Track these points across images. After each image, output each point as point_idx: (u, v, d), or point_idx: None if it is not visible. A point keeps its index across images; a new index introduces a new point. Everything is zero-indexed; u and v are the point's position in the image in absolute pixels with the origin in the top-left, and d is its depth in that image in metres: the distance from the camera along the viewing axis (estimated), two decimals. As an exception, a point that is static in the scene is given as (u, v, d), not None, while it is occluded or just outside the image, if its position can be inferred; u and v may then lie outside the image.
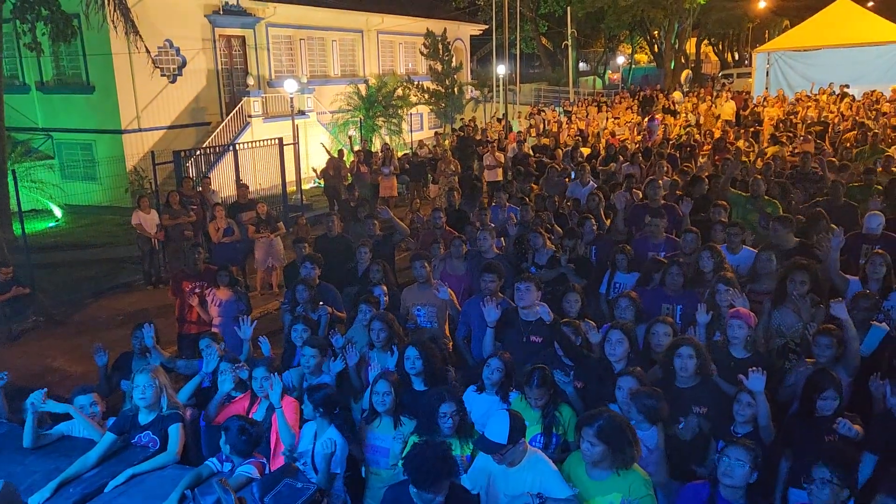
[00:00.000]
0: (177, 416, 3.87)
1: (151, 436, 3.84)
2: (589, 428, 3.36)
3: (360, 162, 15.30)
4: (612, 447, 3.35)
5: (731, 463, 3.31)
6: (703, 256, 5.79)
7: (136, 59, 17.78)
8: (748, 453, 3.31)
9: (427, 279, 6.00)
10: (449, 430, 3.89)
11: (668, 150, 13.15)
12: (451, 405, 3.91)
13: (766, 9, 40.57)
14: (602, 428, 3.35)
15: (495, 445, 3.42)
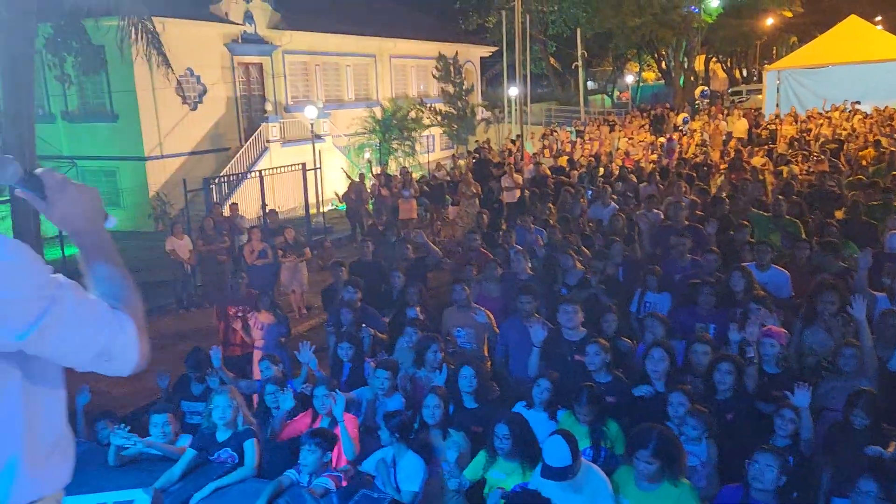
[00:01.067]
0: (251, 432, 4.13)
1: (230, 452, 4.10)
2: (644, 450, 3.56)
3: (380, 185, 15.60)
4: (666, 462, 3.55)
5: (761, 468, 3.54)
6: (733, 276, 5.99)
7: (159, 87, 18.27)
8: (776, 458, 3.54)
9: (466, 302, 6.23)
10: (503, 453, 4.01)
11: (685, 170, 13.36)
12: (505, 428, 4.03)
13: (773, 26, 40.97)
14: (657, 447, 3.55)
15: (563, 470, 3.56)
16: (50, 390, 1.48)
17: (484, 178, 16.09)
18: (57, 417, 1.50)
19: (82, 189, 1.57)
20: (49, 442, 1.47)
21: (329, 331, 6.68)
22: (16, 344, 1.32)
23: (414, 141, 24.48)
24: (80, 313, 1.37)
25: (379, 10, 28.64)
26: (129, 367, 1.48)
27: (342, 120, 24.54)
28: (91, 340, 1.39)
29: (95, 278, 1.52)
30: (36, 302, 1.31)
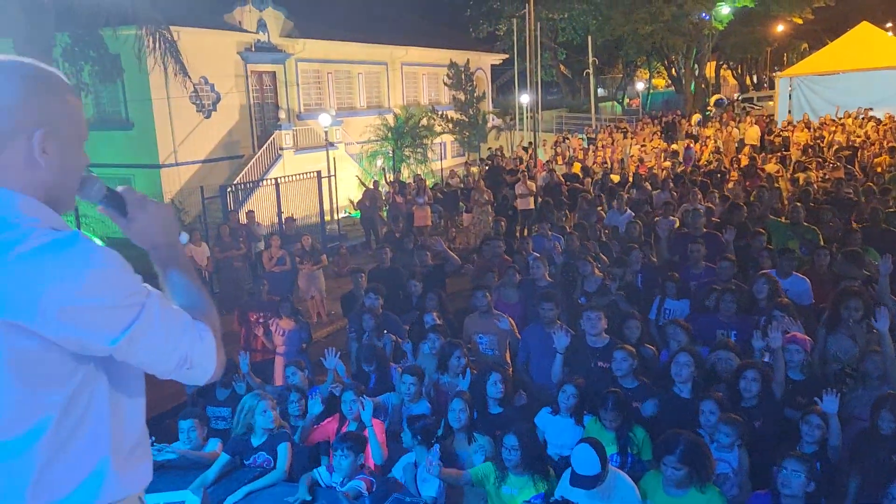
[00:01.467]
0: (286, 436, 4.18)
1: (266, 455, 4.16)
2: (671, 456, 3.58)
3: (395, 192, 15.68)
4: (694, 467, 3.57)
5: (789, 474, 3.56)
6: (758, 284, 6.00)
7: (173, 95, 18.44)
8: (804, 464, 3.55)
9: (488, 309, 6.27)
10: (511, 464, 3.99)
11: (699, 177, 13.37)
12: (514, 439, 4.00)
13: (784, 32, 40.92)
14: (684, 452, 3.58)
15: (593, 479, 3.59)
16: (133, 395, 1.53)
17: (497, 186, 16.15)
18: (138, 421, 1.55)
19: (159, 206, 1.63)
20: (132, 444, 1.52)
21: (351, 337, 6.73)
22: (107, 349, 1.37)
23: (426, 148, 24.58)
24: (166, 322, 1.42)
25: (390, 18, 28.83)
26: (207, 376, 1.52)
27: (354, 127, 24.67)
28: (175, 348, 1.43)
29: (173, 290, 1.58)
30: (128, 309, 1.35)
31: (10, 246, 1.28)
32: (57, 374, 1.36)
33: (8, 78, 1.38)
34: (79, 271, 1.30)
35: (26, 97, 1.39)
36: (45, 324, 1.29)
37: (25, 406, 1.35)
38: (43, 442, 1.36)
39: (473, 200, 14.84)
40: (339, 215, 18.60)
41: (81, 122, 1.51)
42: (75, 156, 1.49)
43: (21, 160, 1.39)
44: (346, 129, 23.86)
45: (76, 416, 1.40)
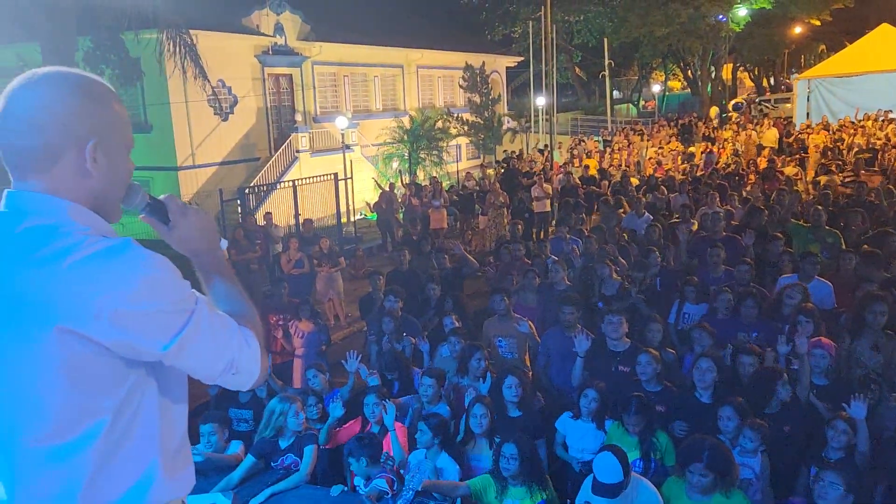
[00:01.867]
0: (313, 438, 4.21)
1: (294, 457, 4.19)
2: (698, 464, 3.56)
3: (411, 195, 15.71)
4: (719, 473, 3.56)
5: (826, 487, 3.50)
6: (789, 291, 5.94)
7: (192, 99, 18.59)
8: (842, 477, 3.51)
9: (507, 312, 6.27)
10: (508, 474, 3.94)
11: (717, 181, 13.28)
12: (513, 448, 3.96)
13: (802, 34, 40.58)
14: (710, 458, 3.56)
15: (616, 487, 3.58)
16: (178, 399, 1.55)
17: (513, 188, 16.14)
18: (182, 425, 1.57)
19: (200, 213, 1.65)
20: (176, 447, 1.54)
21: (371, 339, 6.75)
22: (158, 354, 1.39)
23: (441, 151, 24.62)
24: (214, 327, 1.44)
25: (406, 21, 28.91)
26: (252, 381, 1.54)
27: (370, 130, 24.76)
28: (222, 354, 1.45)
29: (217, 297, 1.59)
30: (178, 315, 1.38)
31: (64, 254, 1.30)
32: (110, 379, 1.39)
33: (59, 90, 1.41)
34: (131, 277, 1.33)
35: (78, 109, 1.41)
36: (99, 329, 1.32)
37: (79, 411, 1.38)
38: (95, 446, 1.39)
39: (489, 203, 14.83)
40: (355, 217, 18.67)
41: (128, 130, 1.54)
42: (122, 164, 1.52)
43: (73, 171, 1.42)
44: (361, 132, 23.95)
45: (127, 420, 1.42)
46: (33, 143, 1.39)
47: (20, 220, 1.37)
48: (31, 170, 1.42)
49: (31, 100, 1.39)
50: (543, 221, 14.72)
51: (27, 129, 1.39)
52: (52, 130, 1.39)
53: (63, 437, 1.38)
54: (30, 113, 1.39)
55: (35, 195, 1.41)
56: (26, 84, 1.41)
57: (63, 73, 1.45)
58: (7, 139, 1.41)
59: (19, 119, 1.39)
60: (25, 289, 1.31)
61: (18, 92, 1.40)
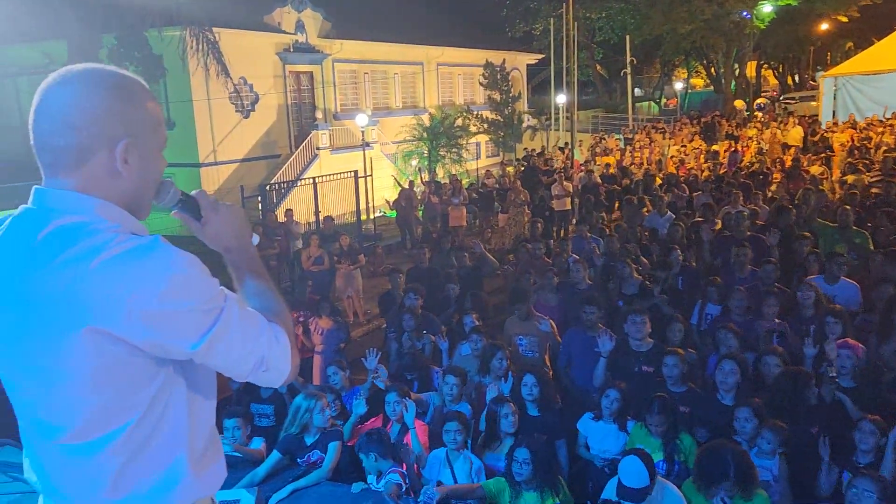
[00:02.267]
0: (337, 434, 4.22)
1: (319, 453, 4.20)
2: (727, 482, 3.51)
3: (430, 193, 15.69)
4: (741, 481, 3.50)
5: (860, 493, 3.44)
6: (802, 290, 5.86)
7: (213, 96, 18.73)
8: (876, 484, 3.43)
9: (528, 311, 6.23)
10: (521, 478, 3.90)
11: (741, 179, 13.11)
12: (525, 452, 3.91)
13: (828, 31, 39.96)
14: (737, 473, 3.51)
15: (641, 492, 3.55)
16: (206, 397, 1.55)
17: (533, 186, 16.06)
18: (210, 422, 1.57)
19: (231, 208, 1.63)
20: (205, 444, 1.54)
21: (391, 337, 6.75)
22: (188, 353, 1.38)
23: (461, 148, 24.59)
24: (244, 325, 1.43)
25: (427, 18, 28.89)
26: (282, 378, 1.53)
27: (390, 127, 24.80)
28: (252, 351, 1.44)
29: (247, 293, 1.58)
30: (208, 314, 1.37)
31: (93, 253, 1.30)
32: (139, 378, 1.39)
33: (94, 89, 1.39)
34: (161, 276, 1.32)
35: (111, 108, 1.40)
36: (129, 329, 1.31)
37: (109, 409, 1.38)
38: (123, 442, 1.40)
39: (510, 201, 14.77)
40: (375, 215, 18.71)
41: (161, 129, 1.52)
42: (154, 163, 1.50)
43: (104, 170, 1.42)
44: (381, 129, 23.99)
45: (155, 418, 1.42)
46: (66, 142, 1.39)
47: (48, 219, 1.37)
48: (62, 168, 1.41)
49: (65, 98, 1.38)
50: (563, 220, 14.63)
51: (60, 127, 1.38)
52: (85, 130, 1.38)
53: (92, 434, 1.39)
54: (63, 112, 1.38)
55: (64, 193, 1.40)
56: (61, 82, 1.40)
57: (98, 72, 1.43)
58: (40, 137, 1.41)
59: (53, 117, 1.39)
60: (56, 289, 1.30)
61: (53, 90, 1.40)
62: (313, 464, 4.15)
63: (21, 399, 1.45)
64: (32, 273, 1.33)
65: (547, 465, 3.96)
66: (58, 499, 1.48)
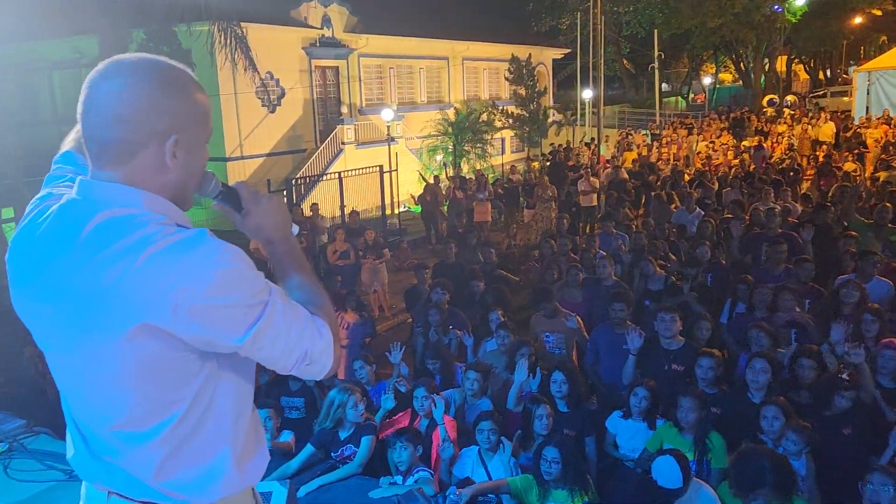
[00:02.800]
0: (371, 428, 4.23)
1: (353, 448, 4.23)
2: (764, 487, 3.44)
3: (455, 188, 15.67)
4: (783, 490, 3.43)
5: (877, 489, 3.40)
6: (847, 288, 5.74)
7: (240, 91, 18.86)
8: (892, 478, 3.39)
9: (554, 308, 6.18)
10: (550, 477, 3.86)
11: (772, 176, 12.90)
12: (554, 451, 3.87)
13: (861, 25, 39.13)
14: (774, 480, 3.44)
15: (673, 492, 3.51)
16: (248, 389, 1.56)
17: (559, 182, 15.96)
18: (252, 415, 1.58)
19: (272, 199, 1.62)
20: (247, 435, 1.55)
21: (417, 331, 6.75)
22: (234, 347, 1.38)
23: (486, 143, 24.52)
24: (288, 318, 1.42)
25: (452, 13, 28.81)
26: (324, 371, 1.52)
27: (414, 122, 24.80)
28: (296, 345, 1.43)
29: (290, 286, 1.56)
30: (253, 307, 1.36)
31: (140, 247, 1.30)
32: (185, 371, 1.40)
33: (142, 82, 1.38)
34: (208, 270, 1.31)
35: (160, 102, 1.39)
36: (176, 323, 1.31)
37: (157, 401, 1.40)
38: (169, 434, 1.41)
39: (536, 196, 14.68)
40: (399, 210, 18.73)
41: (208, 122, 1.51)
42: (200, 155, 1.50)
43: (152, 164, 1.41)
44: (406, 124, 24.00)
45: (201, 410, 1.44)
46: (115, 136, 1.38)
47: (95, 210, 1.37)
48: (110, 160, 1.41)
49: (114, 91, 1.37)
50: (590, 216, 14.52)
51: (110, 121, 1.38)
52: (134, 124, 1.37)
53: (139, 425, 1.41)
54: (113, 106, 1.37)
55: (111, 185, 1.40)
56: (111, 74, 1.39)
57: (148, 63, 1.42)
58: (89, 129, 1.40)
59: (102, 110, 1.38)
60: (104, 282, 1.30)
61: (103, 82, 1.39)
62: (346, 458, 4.16)
63: (72, 387, 1.47)
64: (81, 265, 1.33)
65: (576, 463, 3.92)
66: (104, 483, 1.49)
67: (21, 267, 1.44)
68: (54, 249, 1.38)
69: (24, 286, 1.43)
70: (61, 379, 1.48)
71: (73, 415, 1.51)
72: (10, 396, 5.56)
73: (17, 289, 1.45)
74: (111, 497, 1.49)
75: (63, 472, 2.89)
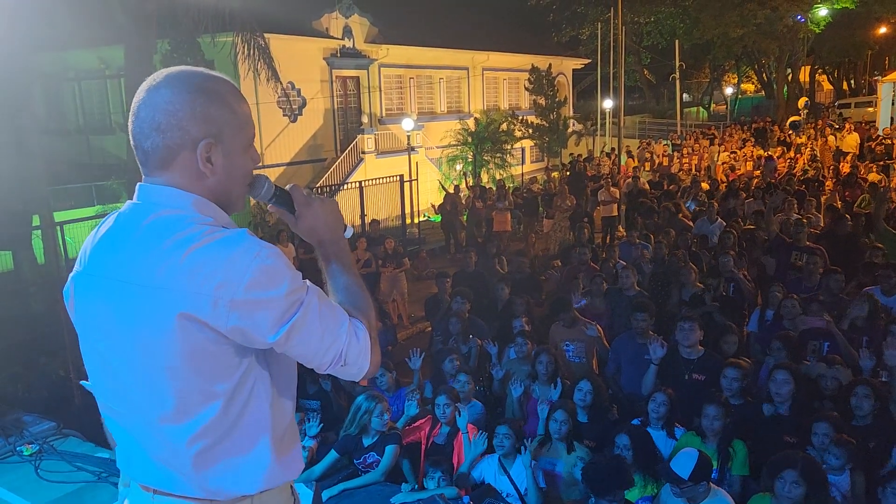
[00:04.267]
0: (396, 437, 4.25)
1: (376, 455, 4.25)
2: (792, 471, 3.42)
3: (475, 197, 15.68)
4: (812, 486, 3.40)
5: None
6: (856, 303, 5.69)
7: (262, 101, 19.05)
8: None
9: (573, 318, 6.17)
10: None
11: (795, 186, 12.79)
12: (626, 438, 4.02)
13: (887, 34, 38.68)
14: (804, 468, 3.41)
15: (676, 478, 3.55)
16: (288, 385, 1.59)
17: (579, 192, 15.92)
18: (290, 410, 1.61)
19: (325, 202, 1.67)
20: (285, 431, 1.58)
21: (437, 340, 6.76)
22: (268, 343, 1.43)
23: (505, 153, 24.54)
24: (324, 318, 1.46)
25: (472, 23, 28.94)
26: (362, 373, 1.56)
27: (434, 132, 24.89)
28: (331, 345, 1.47)
29: (335, 287, 1.62)
30: (290, 304, 1.41)
31: (185, 244, 1.37)
32: (225, 364, 1.44)
33: (176, 92, 1.45)
34: (248, 266, 1.37)
35: (192, 110, 1.45)
36: (216, 316, 1.37)
37: (198, 394, 1.44)
38: (213, 425, 1.45)
39: (556, 206, 14.66)
40: (419, 219, 18.77)
41: (247, 128, 1.56)
42: (240, 161, 1.55)
43: (189, 169, 1.48)
44: (426, 134, 24.09)
45: (240, 404, 1.47)
46: (152, 144, 1.47)
47: (150, 211, 1.45)
48: (153, 167, 1.49)
49: (152, 102, 1.46)
50: (610, 226, 14.47)
51: (147, 130, 1.46)
52: (168, 132, 1.45)
53: (183, 418, 1.45)
54: (150, 115, 1.45)
55: (164, 188, 1.48)
56: (153, 87, 1.47)
57: (184, 74, 1.49)
58: (134, 139, 1.49)
59: (142, 121, 1.46)
60: (151, 276, 1.38)
61: (146, 94, 1.47)
62: (369, 465, 4.18)
63: (117, 384, 1.50)
64: (135, 260, 1.41)
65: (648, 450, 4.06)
66: (148, 481, 1.53)
67: (86, 263, 1.52)
68: (114, 245, 1.47)
69: (86, 281, 1.50)
70: (106, 377, 1.52)
71: (116, 414, 1.55)
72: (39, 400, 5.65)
73: (81, 285, 1.52)
74: (156, 496, 1.53)
75: (92, 474, 2.94)
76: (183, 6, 13.38)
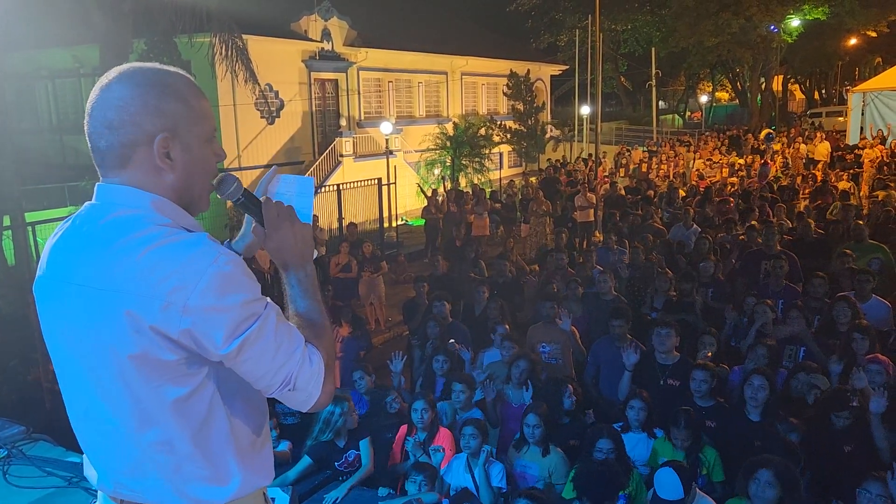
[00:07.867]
0: (365, 431, 4.25)
1: (354, 452, 4.27)
2: (766, 470, 3.46)
3: (449, 201, 15.70)
4: (786, 488, 3.45)
5: (873, 499, 3.46)
6: (837, 307, 5.76)
7: (239, 102, 18.92)
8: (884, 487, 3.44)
9: (553, 318, 6.19)
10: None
11: (769, 194, 12.98)
12: (609, 442, 4.04)
13: (857, 46, 39.50)
14: (779, 470, 3.46)
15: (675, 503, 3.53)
16: (252, 395, 1.52)
17: (552, 196, 16.00)
18: (257, 419, 1.55)
19: (296, 226, 1.55)
20: (251, 441, 1.54)
21: (415, 344, 6.74)
22: (219, 354, 1.37)
23: (483, 158, 24.60)
24: (279, 337, 1.40)
25: (452, 28, 29.04)
26: (310, 402, 1.48)
27: (413, 136, 24.88)
28: (281, 366, 1.41)
29: (295, 310, 1.54)
30: (246, 317, 1.36)
31: (143, 244, 1.33)
32: (180, 373, 1.39)
33: (128, 88, 1.41)
34: (204, 271, 1.32)
35: (145, 104, 1.41)
36: (166, 319, 1.32)
37: (155, 403, 1.39)
38: (173, 435, 1.41)
39: (531, 211, 14.73)
40: (397, 223, 18.73)
41: (204, 122, 1.51)
42: (201, 155, 1.50)
43: (148, 165, 1.44)
44: (404, 138, 24.08)
45: (201, 413, 1.43)
46: (107, 143, 1.43)
47: (107, 211, 1.41)
48: (112, 167, 1.45)
49: (104, 101, 1.42)
50: (587, 231, 14.56)
51: (100, 129, 1.42)
52: (122, 129, 1.41)
53: (142, 427, 1.41)
54: (103, 113, 1.41)
55: (121, 188, 1.44)
56: (104, 85, 1.43)
57: (135, 70, 1.45)
58: (90, 140, 1.45)
59: (95, 120, 1.43)
60: (106, 278, 1.34)
61: (96, 94, 1.43)
62: (351, 464, 4.20)
63: (82, 393, 1.47)
64: (88, 262, 1.37)
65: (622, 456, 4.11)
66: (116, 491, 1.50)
67: (45, 267, 1.48)
68: (69, 246, 1.43)
69: (46, 286, 1.46)
70: (71, 382, 1.49)
71: (81, 420, 1.51)
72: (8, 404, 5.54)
73: (41, 290, 1.48)
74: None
75: (63, 479, 2.89)
76: (160, 6, 13.24)
